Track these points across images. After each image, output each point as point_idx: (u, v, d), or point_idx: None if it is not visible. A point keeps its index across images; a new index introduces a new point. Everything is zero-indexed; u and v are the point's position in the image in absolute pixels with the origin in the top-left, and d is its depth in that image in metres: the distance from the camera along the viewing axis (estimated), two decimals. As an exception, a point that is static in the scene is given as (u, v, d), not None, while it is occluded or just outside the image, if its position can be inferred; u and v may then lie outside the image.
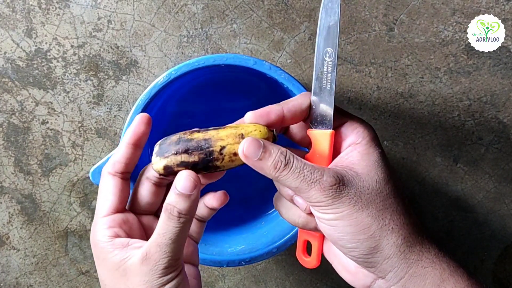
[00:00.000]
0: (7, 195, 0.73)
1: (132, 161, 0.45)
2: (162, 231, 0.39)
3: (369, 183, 0.39)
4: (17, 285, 0.76)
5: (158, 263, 0.38)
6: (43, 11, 0.69)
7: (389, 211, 0.39)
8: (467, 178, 0.73)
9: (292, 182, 0.39)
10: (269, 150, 0.40)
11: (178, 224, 0.39)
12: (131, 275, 0.39)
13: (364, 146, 0.41)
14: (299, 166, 0.39)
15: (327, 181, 0.38)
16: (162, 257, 0.38)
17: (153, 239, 0.39)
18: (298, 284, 0.76)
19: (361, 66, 0.70)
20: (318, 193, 0.39)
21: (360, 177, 0.39)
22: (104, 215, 0.43)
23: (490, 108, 0.70)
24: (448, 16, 0.68)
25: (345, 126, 0.42)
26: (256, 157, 0.40)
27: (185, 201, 0.39)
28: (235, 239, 0.62)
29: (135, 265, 0.39)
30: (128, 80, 0.70)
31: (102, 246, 0.41)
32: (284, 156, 0.40)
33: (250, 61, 0.53)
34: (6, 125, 0.71)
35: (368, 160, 0.40)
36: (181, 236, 0.39)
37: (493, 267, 0.75)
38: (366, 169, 0.40)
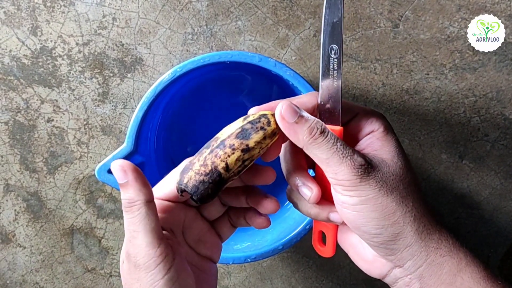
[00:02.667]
0: (13, 193, 0.73)
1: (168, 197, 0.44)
2: (125, 227, 0.39)
3: (394, 168, 0.39)
4: (23, 282, 0.76)
5: (136, 259, 0.38)
6: (48, 9, 0.69)
7: (411, 198, 0.39)
8: (473, 175, 0.72)
9: (324, 152, 0.39)
10: (306, 116, 0.39)
11: (132, 214, 0.38)
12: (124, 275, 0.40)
13: (382, 133, 0.41)
14: (334, 137, 0.39)
15: (357, 160, 0.38)
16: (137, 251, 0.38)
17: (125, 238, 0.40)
18: (304, 281, 0.76)
19: (366, 62, 0.69)
20: (347, 169, 0.38)
21: (386, 162, 0.39)
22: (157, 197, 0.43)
23: (496, 105, 0.70)
24: (453, 12, 0.68)
25: (358, 117, 0.42)
26: (293, 119, 0.39)
27: (124, 190, 0.39)
28: (240, 236, 0.62)
29: (124, 266, 0.40)
30: (133, 78, 0.70)
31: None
32: (321, 124, 0.39)
33: (255, 58, 0.53)
34: (12, 123, 0.71)
35: (389, 146, 0.41)
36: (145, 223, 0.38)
37: (500, 264, 0.75)
38: (389, 155, 0.40)
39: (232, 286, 0.76)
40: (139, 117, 0.54)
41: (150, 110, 0.55)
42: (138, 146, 0.55)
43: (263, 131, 0.39)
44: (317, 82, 0.69)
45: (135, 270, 0.38)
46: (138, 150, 0.56)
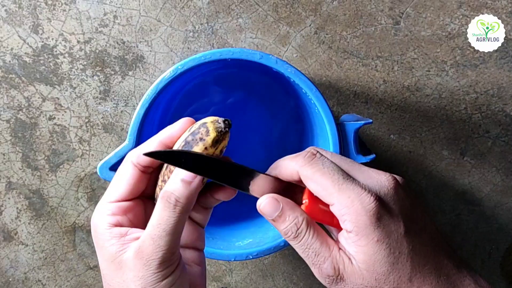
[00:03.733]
0: (15, 191, 0.74)
1: None
2: (157, 222, 0.37)
3: (368, 280, 0.37)
4: (26, 280, 0.76)
5: (151, 258, 0.37)
6: (49, 7, 0.69)
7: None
8: (474, 171, 0.72)
9: (299, 252, 0.39)
10: (285, 215, 0.39)
11: (174, 213, 0.37)
12: (126, 269, 0.38)
13: (356, 237, 0.37)
14: (307, 243, 0.38)
15: (326, 269, 0.37)
16: (156, 251, 0.37)
17: (147, 232, 0.38)
18: (305, 278, 0.76)
19: (367, 60, 0.70)
20: (316, 274, 0.38)
21: (360, 272, 0.37)
22: (111, 200, 0.41)
23: (497, 101, 0.70)
24: (454, 9, 0.68)
25: (332, 207, 0.38)
26: (270, 218, 0.40)
27: (185, 188, 0.38)
28: (242, 233, 0.62)
29: (130, 259, 0.38)
30: (134, 76, 0.70)
31: (100, 232, 0.40)
32: (297, 228, 0.38)
33: (257, 55, 0.53)
34: (14, 121, 0.72)
35: (364, 253, 0.37)
36: (177, 228, 0.38)
37: (501, 260, 0.75)
38: (365, 265, 0.37)
39: (233, 283, 0.77)
40: (141, 115, 0.54)
41: (151, 107, 0.55)
42: (139, 144, 0.55)
43: (202, 142, 0.39)
44: (318, 80, 0.69)
45: (143, 267, 0.37)
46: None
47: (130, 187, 0.41)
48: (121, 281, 0.38)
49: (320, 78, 0.70)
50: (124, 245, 0.39)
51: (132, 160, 0.42)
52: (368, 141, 0.72)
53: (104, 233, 0.39)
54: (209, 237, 0.59)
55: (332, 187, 0.37)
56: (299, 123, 0.67)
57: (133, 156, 0.42)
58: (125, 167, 0.42)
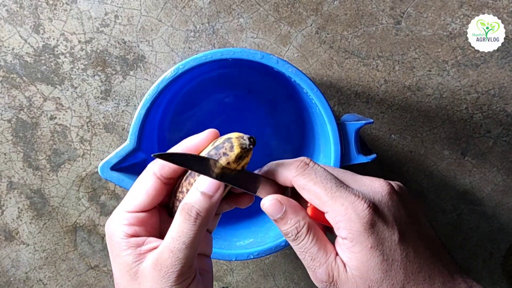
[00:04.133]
0: (16, 191, 0.74)
1: (182, 170, 0.42)
2: (176, 234, 0.37)
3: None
4: (27, 279, 0.77)
5: (170, 271, 0.37)
6: (51, 7, 0.69)
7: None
8: (475, 171, 0.72)
9: (297, 253, 0.40)
10: (287, 218, 0.39)
11: (194, 227, 0.37)
12: (142, 280, 0.38)
13: (350, 243, 0.37)
14: (305, 247, 0.39)
15: (320, 275, 0.38)
16: (175, 263, 0.37)
17: (166, 244, 0.38)
18: (306, 277, 0.76)
19: (368, 59, 0.69)
20: (312, 277, 0.39)
21: (354, 279, 0.37)
22: (129, 210, 0.41)
23: (498, 101, 0.70)
24: (455, 8, 0.68)
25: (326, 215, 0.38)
26: (273, 218, 0.40)
27: (206, 201, 0.38)
28: (243, 232, 0.62)
29: (147, 270, 0.38)
30: (135, 75, 0.70)
31: (116, 241, 0.39)
32: (297, 231, 0.39)
33: (258, 55, 0.53)
34: (15, 121, 0.72)
35: (357, 260, 0.37)
36: (196, 241, 0.38)
37: (502, 260, 0.75)
38: (358, 272, 0.37)
39: (235, 282, 0.77)
40: (142, 115, 0.54)
41: (152, 107, 0.55)
42: (141, 143, 0.55)
43: (225, 157, 0.39)
44: (319, 79, 0.69)
45: (161, 279, 0.37)
46: (141, 147, 0.56)
47: (149, 198, 0.41)
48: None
49: (321, 78, 0.70)
50: (140, 256, 0.39)
51: (155, 170, 0.41)
52: (369, 141, 0.72)
53: (121, 242, 0.39)
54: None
55: (325, 196, 0.37)
56: (300, 122, 0.67)
57: (155, 167, 0.41)
58: (146, 177, 0.42)
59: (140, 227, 0.40)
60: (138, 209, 0.41)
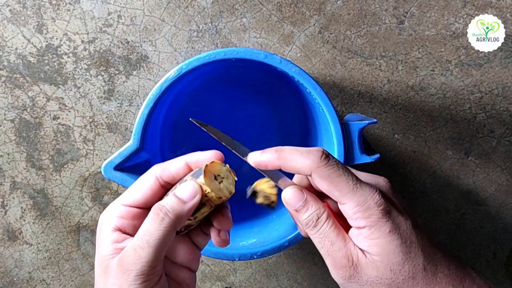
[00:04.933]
0: (19, 190, 0.74)
1: (179, 177, 0.43)
2: (142, 233, 0.38)
3: (383, 272, 0.38)
4: (30, 279, 0.77)
5: (129, 268, 0.37)
6: (54, 7, 0.69)
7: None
8: (478, 171, 0.72)
9: (316, 243, 0.40)
10: (308, 205, 0.41)
11: (160, 226, 0.38)
12: (109, 275, 0.38)
13: (369, 231, 0.38)
14: (325, 232, 0.40)
15: (340, 260, 0.39)
16: (135, 262, 0.37)
17: (131, 241, 0.38)
18: (309, 277, 0.76)
19: (371, 59, 0.69)
20: (331, 268, 0.39)
21: (375, 264, 0.38)
22: (124, 203, 0.42)
23: (502, 101, 0.70)
24: (459, 8, 0.68)
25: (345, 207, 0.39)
26: (294, 207, 0.41)
27: (178, 204, 0.39)
28: (246, 233, 0.62)
29: (113, 265, 0.38)
30: (138, 75, 0.70)
31: (102, 232, 0.41)
32: (318, 217, 0.40)
33: (261, 54, 0.53)
34: (18, 121, 0.72)
35: (377, 246, 0.38)
36: (161, 242, 0.38)
37: (506, 260, 0.75)
38: (379, 257, 0.38)
39: (238, 283, 0.77)
40: (145, 114, 0.54)
41: (155, 107, 0.55)
42: (144, 143, 0.55)
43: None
44: (322, 79, 0.69)
45: (122, 276, 0.37)
46: (144, 147, 0.56)
47: (145, 196, 0.42)
48: (103, 285, 0.39)
49: (324, 78, 0.70)
50: (115, 250, 0.39)
51: (156, 173, 0.43)
52: (372, 140, 0.72)
53: (106, 234, 0.40)
54: (213, 236, 0.59)
55: (346, 188, 0.39)
56: (303, 122, 0.67)
57: (157, 170, 0.43)
58: (147, 177, 0.43)
59: (129, 221, 0.41)
60: (133, 204, 0.42)
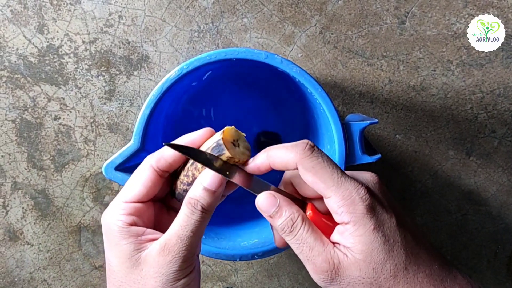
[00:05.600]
0: (20, 191, 0.74)
1: (177, 164, 0.44)
2: (184, 223, 0.39)
3: (365, 271, 0.37)
4: (32, 280, 0.77)
5: (177, 255, 0.39)
6: (55, 7, 0.69)
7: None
8: (480, 171, 0.72)
9: (294, 249, 0.40)
10: (282, 210, 0.40)
11: (201, 218, 0.40)
12: (145, 266, 0.39)
13: (353, 227, 0.37)
14: (302, 237, 0.39)
15: (321, 265, 0.38)
16: (182, 249, 0.39)
17: (173, 231, 0.40)
18: (310, 278, 0.76)
19: (372, 59, 0.69)
20: (312, 273, 0.39)
21: (357, 263, 0.37)
22: (126, 200, 0.42)
23: (503, 101, 0.70)
24: (460, 8, 0.68)
25: (330, 201, 0.39)
26: (268, 214, 0.41)
27: (210, 196, 0.40)
28: (248, 233, 0.62)
29: (151, 256, 0.39)
30: (139, 76, 0.70)
31: (115, 230, 0.41)
32: (293, 222, 0.40)
33: (262, 55, 0.53)
34: (19, 121, 0.72)
35: (361, 243, 0.37)
36: (201, 230, 0.40)
37: (507, 260, 0.75)
38: (362, 255, 0.37)
39: (239, 283, 0.77)
40: (146, 115, 0.54)
41: (156, 107, 0.55)
42: (145, 144, 0.55)
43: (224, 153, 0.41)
44: (323, 79, 0.69)
45: (168, 264, 0.39)
46: (145, 147, 0.56)
47: (146, 189, 0.43)
48: (138, 277, 0.40)
49: (325, 78, 0.70)
50: (141, 244, 0.40)
51: (151, 163, 0.43)
52: (373, 141, 0.71)
53: (121, 231, 0.41)
54: (214, 237, 0.59)
55: (331, 180, 0.38)
56: (304, 122, 0.67)
57: (152, 160, 0.43)
58: (143, 169, 0.43)
59: (137, 218, 0.42)
60: (136, 199, 0.42)
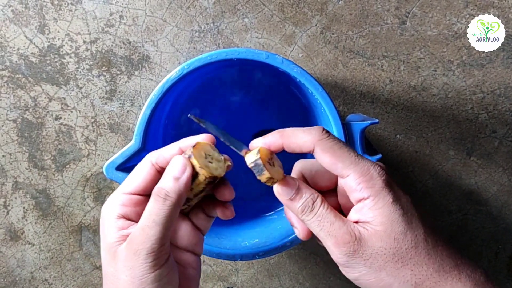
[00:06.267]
0: (21, 190, 0.74)
1: None
2: (148, 213, 0.39)
3: (387, 242, 0.38)
4: (32, 279, 0.77)
5: (140, 247, 0.38)
6: (56, 7, 0.69)
7: (410, 266, 0.38)
8: (480, 171, 0.72)
9: (315, 228, 0.40)
10: (302, 192, 0.41)
11: (164, 206, 0.39)
12: (118, 260, 0.40)
13: (373, 201, 0.39)
14: (323, 214, 0.40)
15: (342, 237, 0.39)
16: (144, 240, 0.38)
17: (138, 223, 0.40)
18: (311, 278, 0.76)
19: (373, 59, 0.69)
20: (334, 248, 0.39)
21: (378, 234, 0.38)
22: (125, 192, 0.43)
23: (504, 101, 0.70)
24: (461, 8, 0.68)
25: (348, 180, 0.40)
26: (288, 196, 0.41)
27: (173, 183, 0.40)
28: (248, 233, 0.62)
29: (121, 249, 0.40)
30: (140, 75, 0.70)
31: (107, 221, 0.42)
32: (313, 201, 0.41)
33: (263, 55, 0.53)
34: (20, 121, 0.72)
35: (381, 216, 0.38)
36: (167, 220, 0.39)
37: (508, 260, 0.75)
38: (383, 226, 0.38)
39: (240, 283, 0.77)
40: (147, 115, 0.54)
41: (157, 107, 0.55)
42: (146, 144, 0.55)
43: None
44: (324, 79, 0.69)
45: (133, 257, 0.39)
46: (146, 147, 0.56)
47: (144, 183, 0.43)
48: (114, 271, 0.40)
49: (326, 78, 0.70)
50: (121, 237, 0.41)
51: (152, 160, 0.44)
52: (374, 141, 0.72)
53: (110, 223, 0.42)
54: (215, 236, 0.59)
55: (349, 159, 0.39)
56: (304, 122, 0.67)
57: (153, 156, 0.44)
58: (143, 165, 0.44)
59: (132, 208, 0.43)
60: (134, 191, 0.43)
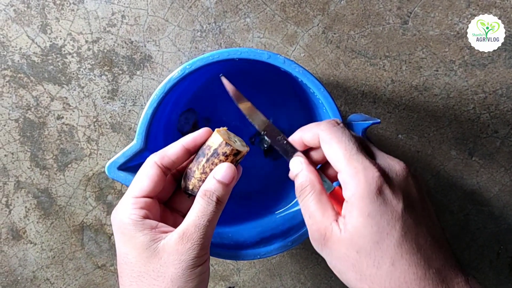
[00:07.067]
0: (23, 190, 0.74)
1: (179, 162, 0.47)
2: (201, 213, 0.43)
3: (351, 251, 0.38)
4: (34, 278, 0.77)
5: (196, 243, 0.41)
6: (58, 7, 0.69)
7: (368, 283, 0.38)
8: (482, 171, 0.72)
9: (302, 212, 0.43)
10: (300, 175, 0.44)
11: (215, 208, 0.43)
12: (164, 254, 0.42)
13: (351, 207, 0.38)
14: (306, 204, 0.43)
15: (313, 234, 0.42)
16: (200, 237, 0.42)
17: (191, 221, 0.43)
18: (313, 277, 0.76)
19: (375, 59, 0.69)
20: (310, 239, 0.43)
21: (345, 242, 0.38)
22: (136, 195, 0.45)
23: (506, 101, 0.70)
24: (463, 8, 0.68)
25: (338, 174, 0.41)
26: (291, 176, 0.45)
27: (224, 189, 0.43)
28: (250, 232, 0.62)
29: (170, 245, 0.42)
30: (142, 75, 0.70)
31: (129, 223, 0.43)
32: (301, 188, 0.43)
33: (264, 55, 0.53)
34: (22, 120, 0.72)
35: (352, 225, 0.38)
36: (215, 220, 0.43)
37: (509, 260, 0.75)
38: (350, 236, 0.38)
39: (241, 282, 0.77)
40: (149, 114, 0.54)
41: (159, 107, 0.55)
42: (147, 143, 0.55)
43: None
44: (325, 79, 0.69)
45: (188, 251, 0.42)
46: (148, 147, 0.56)
47: (153, 184, 0.45)
48: (157, 266, 0.42)
49: (327, 78, 0.70)
50: (157, 235, 0.43)
51: (156, 160, 0.46)
52: (376, 141, 0.71)
53: (136, 224, 0.43)
54: (216, 236, 0.59)
55: (343, 155, 0.40)
56: (306, 122, 0.67)
57: (156, 157, 0.46)
58: (148, 167, 0.46)
59: (148, 211, 0.45)
60: (145, 194, 0.45)
